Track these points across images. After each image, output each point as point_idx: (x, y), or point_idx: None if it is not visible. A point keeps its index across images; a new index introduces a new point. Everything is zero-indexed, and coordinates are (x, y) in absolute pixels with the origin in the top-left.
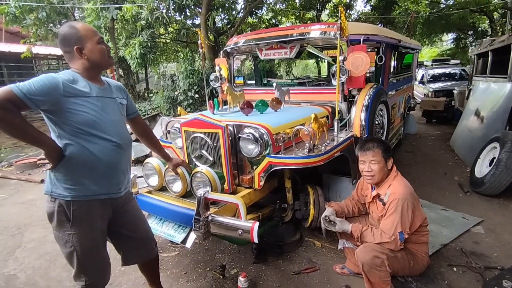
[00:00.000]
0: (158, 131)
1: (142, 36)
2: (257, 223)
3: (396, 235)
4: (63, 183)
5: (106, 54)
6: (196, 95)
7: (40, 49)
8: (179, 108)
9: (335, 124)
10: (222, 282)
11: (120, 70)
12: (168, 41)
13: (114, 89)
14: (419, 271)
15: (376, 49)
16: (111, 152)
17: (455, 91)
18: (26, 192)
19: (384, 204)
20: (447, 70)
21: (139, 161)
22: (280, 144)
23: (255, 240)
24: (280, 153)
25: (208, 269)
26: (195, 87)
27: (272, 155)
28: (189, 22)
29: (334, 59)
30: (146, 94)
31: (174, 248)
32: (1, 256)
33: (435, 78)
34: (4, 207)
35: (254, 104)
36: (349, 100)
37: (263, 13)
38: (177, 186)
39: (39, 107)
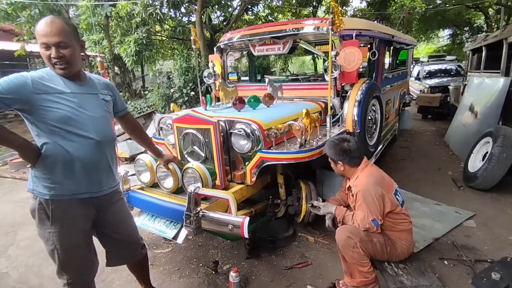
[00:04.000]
0: (153, 128)
1: (137, 33)
2: (248, 218)
3: (370, 223)
4: (42, 182)
5: (48, 61)
6: (192, 92)
7: (34, 47)
8: (172, 104)
9: (328, 119)
10: (214, 278)
11: (116, 68)
12: (164, 38)
13: (99, 85)
14: (397, 256)
15: (369, 45)
16: (90, 149)
17: (450, 87)
18: (20, 190)
19: (353, 195)
20: (443, 66)
21: (134, 158)
22: (272, 140)
23: (246, 235)
24: (271, 148)
25: (201, 265)
26: (190, 84)
27: (263, 150)
28: (185, 19)
29: (328, 54)
30: (142, 92)
31: (168, 244)
32: None
33: (431, 74)
34: None
35: (246, 100)
36: (342, 95)
37: (259, 10)
38: (169, 182)
39: (9, 106)
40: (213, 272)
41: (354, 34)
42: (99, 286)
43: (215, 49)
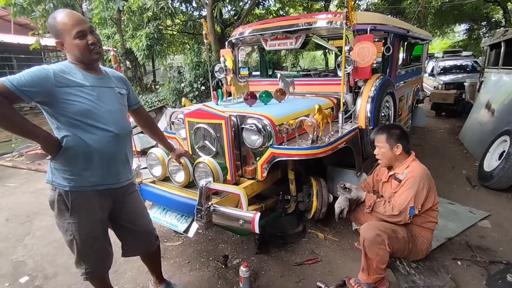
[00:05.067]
0: (164, 122)
1: (148, 27)
2: (259, 214)
3: (407, 209)
4: (62, 173)
5: (85, 49)
6: (202, 87)
7: (48, 41)
8: (183, 99)
9: (340, 115)
10: (224, 272)
11: (128, 62)
12: (175, 33)
13: (114, 79)
14: (415, 255)
15: (384, 39)
16: (108, 142)
17: (466, 84)
18: (36, 181)
19: (399, 182)
20: (458, 62)
21: (145, 152)
22: (284, 135)
23: (257, 230)
24: (283, 144)
25: (211, 258)
26: (201, 79)
27: (275, 146)
28: (196, 13)
29: (340, 49)
30: (153, 86)
31: (178, 237)
32: (10, 243)
33: (446, 70)
34: (14, 196)
35: (258, 95)
36: (355, 91)
37: (270, 4)
38: (180, 176)
39: (32, 99)
40: (223, 266)
41: (368, 29)
42: (111, 276)
43: (226, 43)
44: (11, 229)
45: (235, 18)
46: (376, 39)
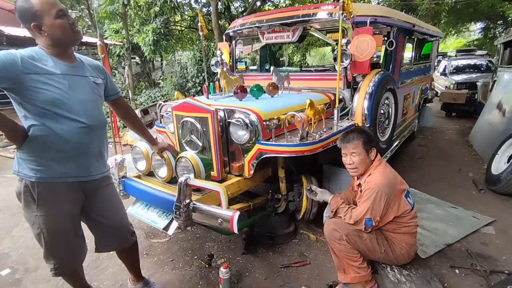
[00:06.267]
0: None
1: (155, 22)
2: (238, 213)
3: (362, 220)
4: (28, 164)
5: (68, 29)
6: (206, 82)
7: None
8: (176, 92)
9: (335, 111)
10: (207, 272)
11: (137, 58)
12: (183, 28)
13: (89, 67)
14: (396, 259)
15: (387, 33)
16: (79, 133)
17: (478, 83)
18: None
19: (361, 191)
20: (472, 61)
21: None
22: (271, 131)
23: (235, 230)
24: (271, 140)
25: (195, 257)
26: (203, 74)
27: (262, 142)
28: (204, 10)
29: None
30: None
31: (165, 234)
32: None
33: (458, 70)
34: (11, 187)
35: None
36: (353, 87)
37: (279, 1)
38: (163, 171)
39: None
40: (207, 266)
41: (368, 21)
42: (92, 272)
43: (224, 36)
44: (2, 220)
45: (243, 14)
46: (377, 32)
